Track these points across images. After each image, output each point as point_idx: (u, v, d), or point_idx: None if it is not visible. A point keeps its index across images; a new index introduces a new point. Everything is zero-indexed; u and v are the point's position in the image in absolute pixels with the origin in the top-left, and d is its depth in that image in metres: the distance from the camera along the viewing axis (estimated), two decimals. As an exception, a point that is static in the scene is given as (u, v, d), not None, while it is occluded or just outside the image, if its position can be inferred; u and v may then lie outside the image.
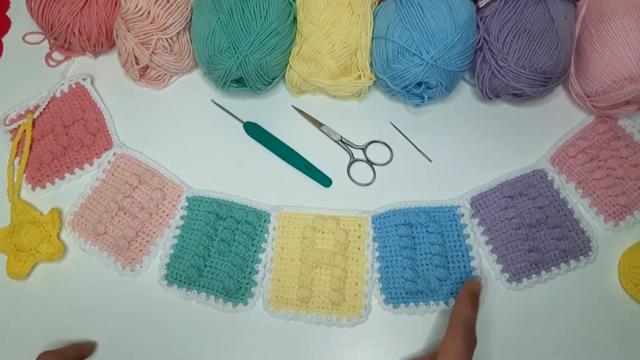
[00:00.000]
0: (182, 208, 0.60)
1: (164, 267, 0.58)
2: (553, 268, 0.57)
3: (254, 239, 0.59)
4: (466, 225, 0.59)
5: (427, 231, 0.58)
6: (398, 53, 0.58)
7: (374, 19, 0.60)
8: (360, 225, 0.59)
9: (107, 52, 0.68)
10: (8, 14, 0.71)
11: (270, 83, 0.62)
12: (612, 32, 0.57)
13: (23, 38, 0.69)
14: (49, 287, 0.58)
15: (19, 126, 0.63)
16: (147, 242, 0.59)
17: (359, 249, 0.58)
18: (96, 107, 0.64)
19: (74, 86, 0.65)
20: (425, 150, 0.63)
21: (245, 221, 0.59)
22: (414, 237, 0.58)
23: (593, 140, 0.62)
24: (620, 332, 0.55)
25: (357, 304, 0.56)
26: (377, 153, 0.63)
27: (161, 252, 0.59)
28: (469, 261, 0.57)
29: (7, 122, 0.64)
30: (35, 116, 0.64)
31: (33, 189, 0.62)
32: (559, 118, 0.64)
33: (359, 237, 0.58)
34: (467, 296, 0.52)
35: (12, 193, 0.61)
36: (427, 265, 0.57)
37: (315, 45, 0.59)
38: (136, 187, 0.61)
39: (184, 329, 0.56)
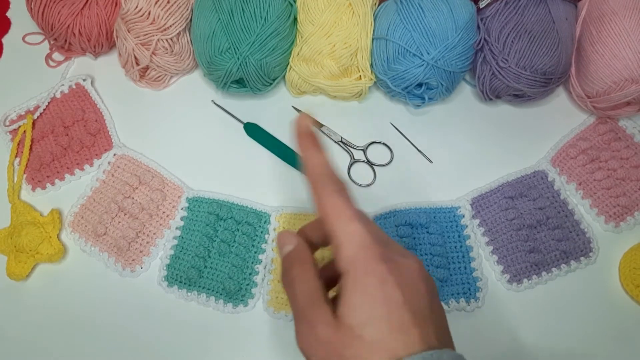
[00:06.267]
0: (182, 209, 0.60)
1: (164, 268, 0.58)
2: (554, 269, 0.57)
3: (254, 239, 0.59)
4: (467, 226, 0.59)
5: (427, 232, 0.58)
6: (398, 54, 0.58)
7: (375, 19, 0.60)
8: (360, 226, 0.59)
9: (108, 53, 0.68)
10: (8, 14, 0.71)
11: (271, 84, 0.62)
12: (612, 33, 0.57)
13: (23, 39, 0.69)
14: (49, 288, 0.58)
15: (19, 127, 0.63)
16: (147, 243, 0.59)
17: (359, 250, 0.58)
18: (96, 108, 0.64)
19: (74, 87, 0.65)
20: (425, 151, 0.63)
21: (246, 222, 0.59)
22: (414, 238, 0.58)
23: (594, 141, 0.62)
24: (621, 333, 0.55)
25: (357, 305, 0.56)
26: (377, 154, 0.63)
27: (161, 253, 0.59)
28: (470, 262, 0.57)
29: (7, 123, 0.64)
30: (35, 117, 0.64)
31: (33, 189, 0.62)
32: (559, 119, 0.64)
33: (360, 238, 0.58)
34: (306, 141, 0.37)
35: (12, 194, 0.61)
36: (428, 265, 0.57)
37: (316, 46, 0.59)
38: (136, 188, 0.61)
39: (184, 330, 0.56)
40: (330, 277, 0.37)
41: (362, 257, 0.34)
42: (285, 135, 0.63)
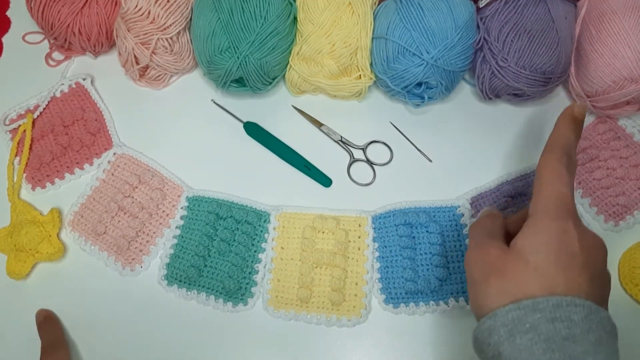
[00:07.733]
0: (182, 208, 0.60)
1: (164, 267, 0.58)
2: (553, 268, 0.57)
3: (254, 239, 0.59)
4: (466, 225, 0.59)
5: (427, 231, 0.58)
6: (398, 53, 0.58)
7: (374, 19, 0.60)
8: (360, 225, 0.59)
9: (107, 52, 0.68)
10: (8, 13, 0.71)
11: (271, 83, 0.62)
12: (612, 32, 0.57)
13: (23, 38, 0.69)
14: (49, 287, 0.58)
15: (19, 126, 0.63)
16: (147, 242, 0.59)
17: (359, 249, 0.58)
18: (96, 107, 0.64)
19: (74, 86, 0.65)
20: (425, 150, 0.63)
21: (245, 221, 0.59)
22: (414, 237, 0.58)
23: (593, 141, 0.62)
24: (620, 332, 0.55)
25: (357, 304, 0.56)
26: (377, 153, 0.63)
27: (161, 252, 0.59)
28: (469, 261, 0.57)
29: (7, 122, 0.64)
30: (35, 116, 0.64)
31: (33, 188, 0.62)
32: (559, 118, 0.64)
33: (359, 237, 0.58)
34: (567, 120, 0.43)
35: (12, 193, 0.61)
36: (427, 265, 0.57)
37: (316, 45, 0.59)
38: (136, 187, 0.61)
39: (184, 329, 0.56)
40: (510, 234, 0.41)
41: (556, 207, 0.38)
42: (284, 135, 0.63)
